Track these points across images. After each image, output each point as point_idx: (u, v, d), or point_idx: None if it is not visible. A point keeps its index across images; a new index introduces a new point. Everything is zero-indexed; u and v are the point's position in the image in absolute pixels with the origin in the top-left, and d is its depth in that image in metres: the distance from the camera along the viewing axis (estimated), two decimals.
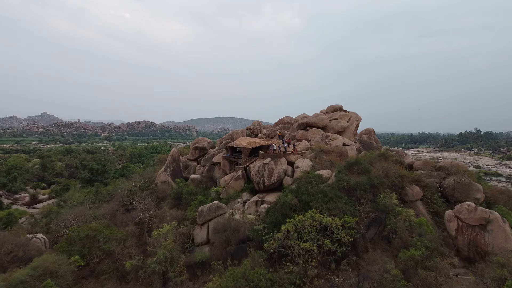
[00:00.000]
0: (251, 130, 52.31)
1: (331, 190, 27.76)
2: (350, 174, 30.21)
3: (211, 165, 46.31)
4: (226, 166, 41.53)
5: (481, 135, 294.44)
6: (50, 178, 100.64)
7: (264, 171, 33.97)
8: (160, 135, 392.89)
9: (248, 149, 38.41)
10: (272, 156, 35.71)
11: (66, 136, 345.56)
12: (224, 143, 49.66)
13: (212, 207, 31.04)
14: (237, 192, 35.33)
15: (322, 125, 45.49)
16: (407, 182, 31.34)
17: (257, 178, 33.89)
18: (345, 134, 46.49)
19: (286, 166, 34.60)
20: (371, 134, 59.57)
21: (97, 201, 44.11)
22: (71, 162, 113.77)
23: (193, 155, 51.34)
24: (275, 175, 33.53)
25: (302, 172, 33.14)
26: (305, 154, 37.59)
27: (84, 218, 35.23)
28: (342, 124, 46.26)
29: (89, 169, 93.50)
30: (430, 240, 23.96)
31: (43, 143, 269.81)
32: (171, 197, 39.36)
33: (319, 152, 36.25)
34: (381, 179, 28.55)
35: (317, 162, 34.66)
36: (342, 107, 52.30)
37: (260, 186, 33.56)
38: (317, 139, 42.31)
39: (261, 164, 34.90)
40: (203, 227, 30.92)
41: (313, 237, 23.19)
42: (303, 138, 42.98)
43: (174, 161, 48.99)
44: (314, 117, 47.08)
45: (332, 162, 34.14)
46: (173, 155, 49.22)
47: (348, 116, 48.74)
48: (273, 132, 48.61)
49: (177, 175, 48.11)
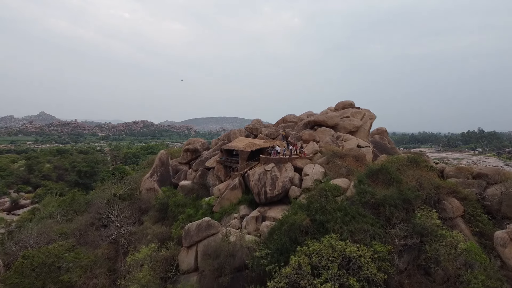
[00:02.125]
0: (250, 129, 46.21)
1: (352, 207, 21.70)
2: (374, 185, 24.16)
3: (204, 170, 40.22)
4: (221, 172, 35.41)
5: (484, 134, 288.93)
6: (36, 181, 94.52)
7: (266, 180, 27.88)
8: (158, 135, 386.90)
9: (246, 152, 32.34)
10: (276, 161, 29.63)
11: (63, 136, 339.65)
12: (220, 145, 43.57)
13: (201, 226, 24.95)
14: (233, 204, 29.25)
15: (332, 123, 39.39)
16: (443, 194, 25.27)
17: (257, 188, 27.81)
18: (359, 134, 40.44)
19: (292, 173, 28.53)
20: (383, 134, 53.51)
21: (71, 212, 37.97)
22: (60, 163, 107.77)
23: (185, 158, 45.23)
24: (279, 184, 27.45)
25: (313, 181, 27.08)
26: (315, 158, 31.52)
27: (48, 236, 29.14)
28: (355, 122, 40.18)
29: (77, 171, 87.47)
30: (488, 275, 18.00)
31: (38, 143, 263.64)
32: (155, 209, 33.30)
33: (331, 156, 30.19)
34: (416, 192, 22.43)
35: (330, 169, 28.60)
36: (353, 103, 46.21)
37: (261, 198, 27.48)
38: (327, 140, 36.26)
39: (262, 171, 28.81)
40: (190, 250, 24.84)
41: (334, 275, 17.14)
42: (311, 138, 36.91)
43: (162, 165, 42.88)
44: (323, 115, 40.98)
45: (349, 168, 28.10)
46: (161, 158, 43.11)
47: (361, 114, 42.66)
48: (275, 132, 42.50)
49: (166, 181, 41.99)
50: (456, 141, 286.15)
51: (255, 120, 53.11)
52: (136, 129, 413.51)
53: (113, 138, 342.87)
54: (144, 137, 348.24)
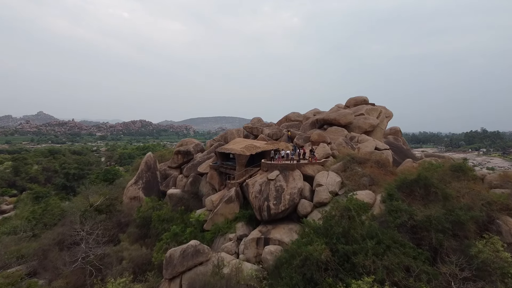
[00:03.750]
0: (249, 129, 40.78)
1: (384, 231, 16.27)
2: (409, 201, 18.74)
3: (196, 176, 34.82)
4: (215, 180, 29.96)
5: (488, 134, 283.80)
6: (23, 184, 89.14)
7: (269, 192, 22.45)
8: (156, 135, 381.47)
9: (245, 156, 26.90)
10: (281, 167, 24.20)
11: (59, 135, 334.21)
12: (215, 146, 38.18)
13: (187, 252, 19.51)
14: (229, 221, 23.81)
15: (345, 122, 33.95)
16: (495, 212, 19.87)
17: (258, 202, 22.37)
18: (375, 135, 35.03)
19: (301, 183, 23.11)
20: (397, 134, 48.11)
21: (40, 225, 32.51)
22: (50, 165, 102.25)
23: (175, 162, 39.78)
24: (285, 197, 22.02)
25: (328, 193, 21.66)
26: (327, 164, 26.11)
27: (2, 260, 23.71)
28: (371, 121, 34.74)
29: (64, 173, 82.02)
30: None
31: (34, 143, 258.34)
32: (135, 225, 27.88)
33: (349, 161, 24.75)
34: (471, 212, 16.95)
35: (348, 177, 23.17)
36: (367, 99, 40.74)
37: (264, 215, 22.04)
38: (340, 141, 30.84)
39: (264, 180, 23.37)
40: (172, 284, 19.40)
41: None
42: (321, 140, 31.52)
43: (149, 170, 37.44)
44: (334, 112, 35.49)
45: (372, 177, 22.67)
46: (147, 162, 37.66)
47: (377, 111, 37.21)
48: (278, 132, 37.07)
49: (152, 188, 36.59)
50: (459, 141, 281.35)
51: (255, 119, 47.70)
52: (134, 129, 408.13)
53: (110, 138, 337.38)
54: (142, 137, 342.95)
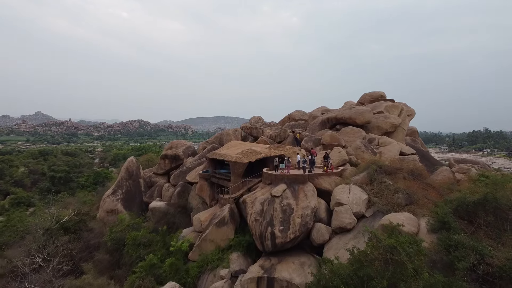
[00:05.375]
0: (248, 129, 35.30)
1: (448, 283, 10.87)
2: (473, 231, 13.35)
3: (185, 185, 29.39)
4: (205, 192, 24.44)
5: (491, 134, 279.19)
6: (7, 188, 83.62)
7: (274, 213, 16.99)
8: (154, 135, 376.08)
9: (242, 164, 21.39)
10: (289, 179, 18.73)
11: (56, 136, 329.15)
12: (208, 150, 32.77)
13: None
14: (220, 251, 18.33)
15: (362, 121, 28.47)
16: None
17: (259, 228, 16.90)
18: (396, 136, 29.59)
19: (315, 201, 17.65)
20: (415, 135, 42.70)
21: None
22: (37, 167, 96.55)
23: (162, 167, 34.28)
24: (295, 220, 16.56)
25: (351, 216, 16.24)
26: (346, 173, 20.66)
27: None
28: (393, 120, 29.27)
29: (50, 177, 76.60)
30: None
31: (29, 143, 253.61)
32: (106, 250, 22.40)
33: (375, 171, 19.30)
34: None
35: (377, 193, 17.72)
36: (384, 94, 35.25)
37: (267, 245, 16.57)
38: (358, 144, 25.39)
39: (267, 197, 17.91)
40: None
41: None
42: (334, 142, 26.10)
43: (130, 178, 31.95)
44: (348, 110, 29.99)
45: (408, 193, 17.21)
46: (128, 168, 32.16)
47: (398, 108, 31.76)
48: (282, 133, 31.58)
49: (134, 199, 31.12)
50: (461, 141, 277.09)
51: (255, 118, 42.27)
52: (132, 129, 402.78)
53: (108, 138, 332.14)
54: (140, 137, 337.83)
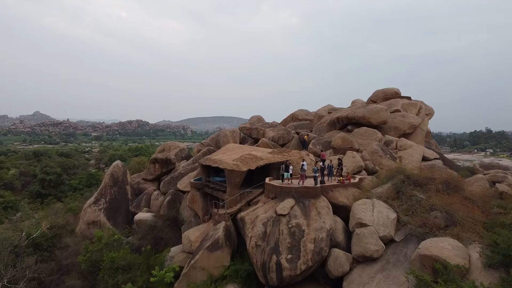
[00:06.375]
0: (247, 130, 31.80)
1: None
2: None
3: (176, 193, 25.91)
4: (197, 204, 20.88)
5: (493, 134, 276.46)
6: None
7: (280, 236, 13.50)
8: (153, 135, 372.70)
9: (240, 172, 17.85)
10: (298, 193, 15.22)
11: (53, 136, 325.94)
12: (203, 153, 29.30)
13: None
14: (213, 281, 14.82)
15: (378, 121, 24.93)
16: None
17: (261, 256, 13.40)
18: (415, 138, 26.09)
19: (331, 221, 14.17)
20: (428, 137, 39.14)
21: None
22: (29, 168, 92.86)
23: (151, 173, 30.76)
24: (307, 246, 13.08)
25: (378, 241, 12.78)
26: (365, 184, 17.20)
27: None
28: (412, 120, 25.76)
29: (40, 180, 73.13)
30: None
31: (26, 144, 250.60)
32: (79, 273, 18.90)
33: (401, 181, 15.82)
34: None
35: (407, 210, 14.25)
36: (399, 91, 31.73)
37: (271, 278, 13.06)
38: (374, 148, 21.92)
39: (271, 216, 14.40)
40: None
41: None
42: (346, 145, 22.65)
43: (116, 184, 28.43)
44: (362, 108, 26.43)
45: (447, 210, 13.76)
46: (113, 174, 28.65)
47: (416, 107, 28.28)
48: (286, 134, 28.03)
49: (119, 210, 27.60)
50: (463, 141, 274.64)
51: (255, 117, 38.73)
52: (131, 129, 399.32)
53: (106, 138, 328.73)
54: (138, 137, 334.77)
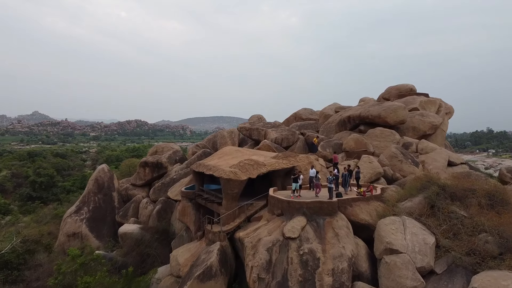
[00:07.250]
0: (247, 131, 28.82)
1: None
2: None
3: (167, 201, 23.01)
4: (188, 217, 17.92)
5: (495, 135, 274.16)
6: None
7: (289, 266, 10.59)
8: (152, 135, 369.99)
9: (238, 182, 14.90)
10: (309, 209, 12.30)
11: (51, 136, 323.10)
12: (198, 156, 26.38)
13: None
14: None
15: (395, 121, 22.02)
16: None
17: None
18: (435, 140, 23.24)
19: (353, 246, 11.29)
20: None
21: None
22: (21, 170, 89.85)
23: (141, 177, 27.80)
24: (325, 280, 10.19)
25: (416, 274, 9.92)
26: (387, 195, 14.32)
27: None
28: (432, 119, 22.86)
29: (30, 182, 70.27)
30: None
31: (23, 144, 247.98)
32: None
33: (435, 194, 12.96)
34: None
35: (446, 232, 11.35)
36: (414, 88, 28.80)
37: None
38: (393, 151, 19.04)
39: (276, 239, 11.47)
40: None
41: None
42: (360, 148, 19.78)
43: (100, 191, 25.49)
44: (376, 106, 23.46)
45: (502, 234, 10.91)
46: (98, 180, 25.70)
47: (435, 105, 25.39)
48: (291, 135, 25.07)
49: (104, 219, 24.66)
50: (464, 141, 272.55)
51: (255, 117, 35.84)
52: (129, 129, 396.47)
53: (104, 138, 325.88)
54: (137, 137, 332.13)
